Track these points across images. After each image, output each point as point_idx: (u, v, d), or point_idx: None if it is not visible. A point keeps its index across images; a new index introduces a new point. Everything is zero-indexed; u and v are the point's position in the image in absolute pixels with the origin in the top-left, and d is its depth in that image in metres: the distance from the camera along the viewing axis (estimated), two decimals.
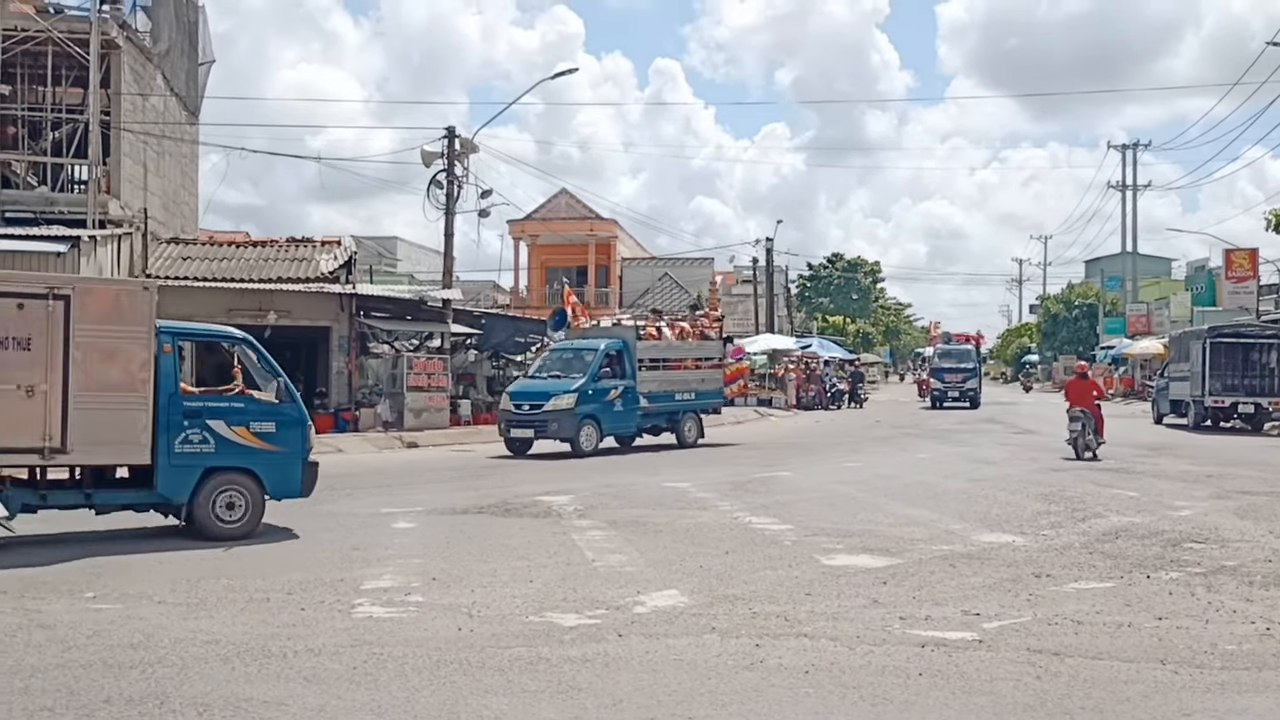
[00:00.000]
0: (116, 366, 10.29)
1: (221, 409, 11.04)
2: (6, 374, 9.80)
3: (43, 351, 9.89)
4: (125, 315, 10.38)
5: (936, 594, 8.38)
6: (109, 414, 10.24)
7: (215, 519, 10.80)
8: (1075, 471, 17.89)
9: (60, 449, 10.05)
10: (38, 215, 23.98)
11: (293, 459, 11.28)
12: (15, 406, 9.80)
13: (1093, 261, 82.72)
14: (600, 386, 21.74)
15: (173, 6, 28.42)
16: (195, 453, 10.77)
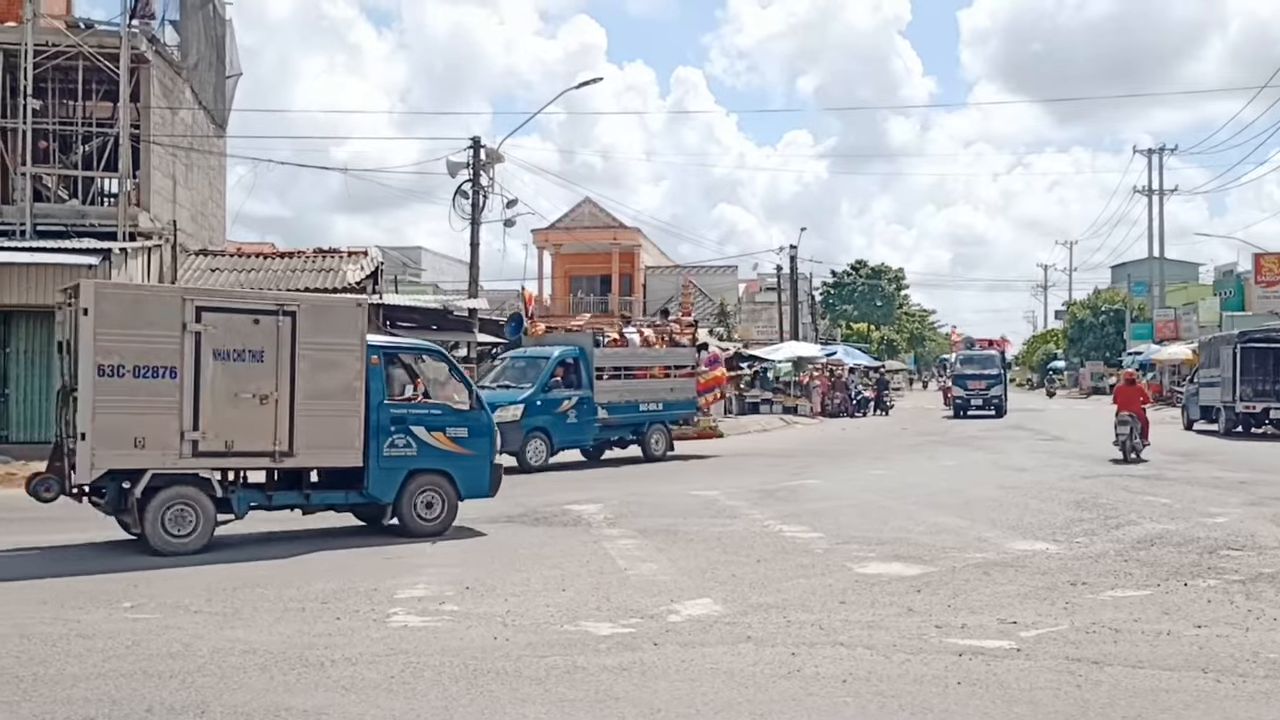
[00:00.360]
0: (335, 376, 11.29)
1: (422, 416, 12.09)
2: (244, 384, 10.78)
3: (274, 363, 10.89)
4: (342, 329, 11.40)
5: (971, 602, 8.34)
6: (328, 420, 11.24)
7: (417, 517, 11.82)
8: (1107, 478, 17.76)
9: (288, 453, 11.00)
10: (69, 228, 24.18)
11: (483, 462, 12.38)
12: (251, 413, 10.79)
13: (1119, 267, 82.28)
14: (551, 397, 20.44)
15: (201, 20, 28.64)
16: (400, 456, 11.79)
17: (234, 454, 10.85)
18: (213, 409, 10.60)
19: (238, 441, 10.77)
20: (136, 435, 10.31)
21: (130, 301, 10.68)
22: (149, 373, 10.36)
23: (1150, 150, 64.63)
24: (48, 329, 21.51)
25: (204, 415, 10.56)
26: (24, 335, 21.58)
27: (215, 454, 10.70)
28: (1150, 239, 64.80)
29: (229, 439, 10.71)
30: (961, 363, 44.91)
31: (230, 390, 10.70)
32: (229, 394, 10.68)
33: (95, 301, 10.23)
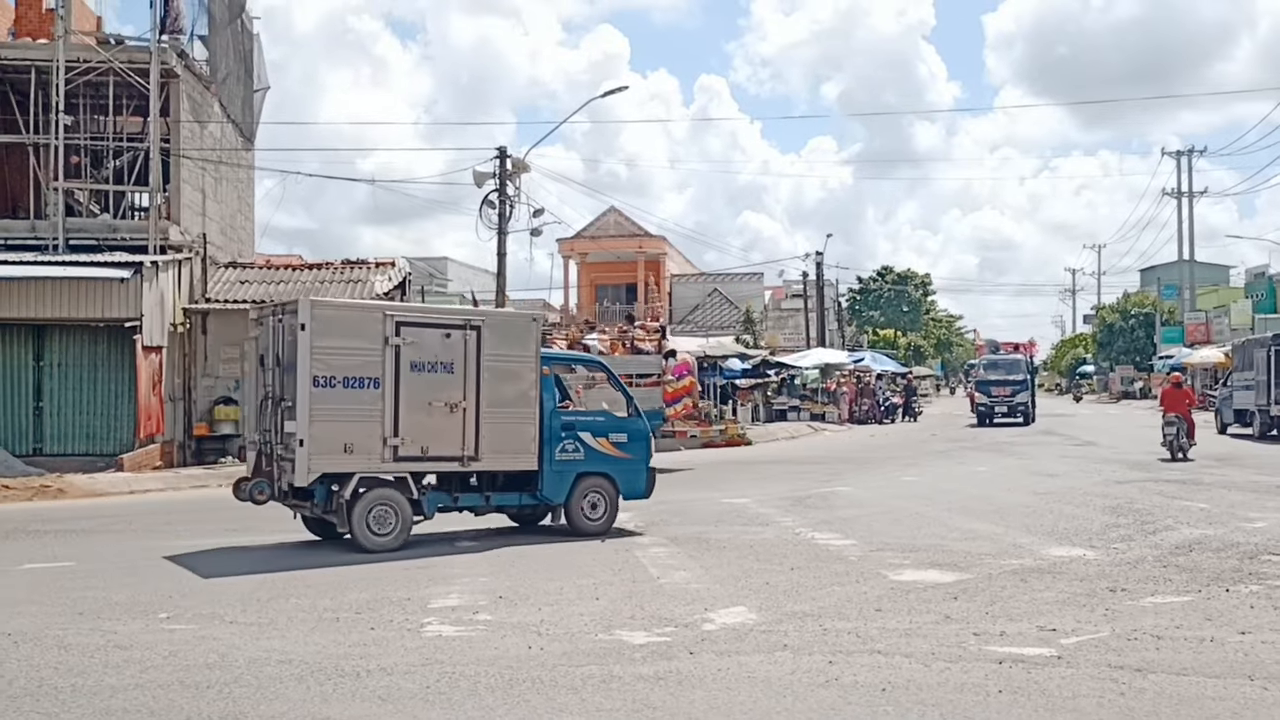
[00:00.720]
0: (513, 386, 12.17)
1: (589, 422, 12.94)
2: (437, 393, 11.67)
3: (461, 374, 11.80)
4: (520, 342, 12.33)
5: (1009, 609, 8.25)
6: (508, 426, 12.12)
7: (584, 517, 12.57)
8: (1141, 483, 17.58)
9: (475, 457, 11.91)
10: (101, 242, 24.41)
11: (640, 465, 13.11)
12: (443, 421, 11.70)
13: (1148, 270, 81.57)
14: None
15: (229, 35, 28.88)
16: (570, 460, 12.59)
17: (428, 458, 11.73)
18: (410, 417, 11.50)
19: (431, 447, 11.67)
20: (346, 442, 11.19)
21: (340, 317, 11.63)
22: (356, 383, 11.27)
23: (1179, 152, 64.25)
24: (80, 342, 21.76)
25: (403, 423, 11.46)
26: (57, 349, 21.78)
27: (412, 458, 11.58)
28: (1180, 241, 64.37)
29: (424, 445, 11.62)
30: (985, 368, 43.20)
31: (425, 399, 11.60)
32: (424, 403, 11.59)
33: (312, 318, 11.08)
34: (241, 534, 13.04)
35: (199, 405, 24.59)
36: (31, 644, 7.32)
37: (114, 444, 21.50)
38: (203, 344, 24.77)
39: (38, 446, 21.36)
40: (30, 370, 21.59)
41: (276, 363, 11.67)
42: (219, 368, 24.82)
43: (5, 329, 21.35)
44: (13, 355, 21.51)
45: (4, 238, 24.30)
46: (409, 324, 11.69)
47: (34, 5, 27.78)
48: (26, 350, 21.59)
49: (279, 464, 11.53)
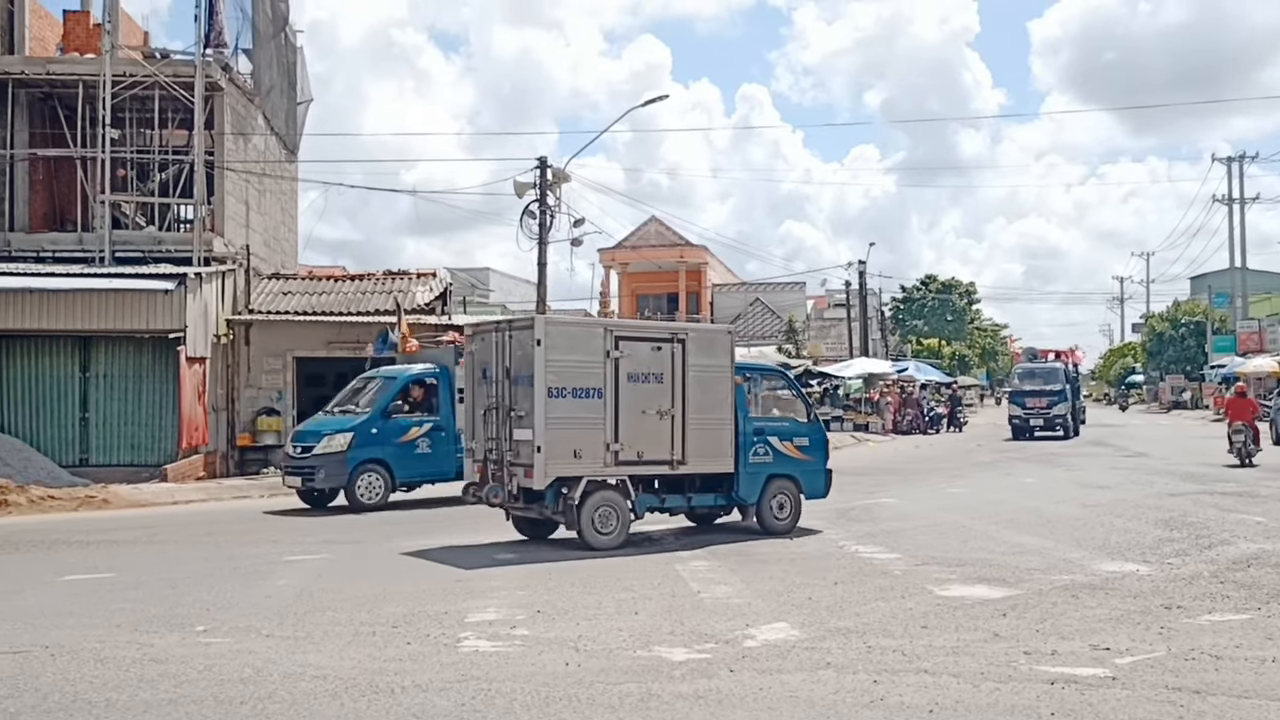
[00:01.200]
0: (713, 394, 12.99)
1: (777, 427, 13.83)
2: (649, 402, 12.54)
3: (669, 384, 12.70)
4: (719, 353, 13.22)
5: (1061, 627, 8.01)
6: (709, 432, 12.96)
7: (773, 517, 13.41)
8: (1194, 495, 17.17)
9: (682, 460, 12.78)
10: (146, 254, 24.65)
11: (820, 467, 14.07)
12: (655, 427, 12.56)
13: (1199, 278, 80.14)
14: (392, 423, 17.47)
15: (273, 49, 29.14)
16: (761, 463, 13.46)
17: (643, 462, 12.56)
18: (628, 424, 12.39)
19: (646, 452, 12.54)
20: (575, 448, 12.07)
21: (568, 332, 12.49)
22: (583, 393, 12.14)
23: (1229, 158, 62.96)
24: (126, 353, 21.95)
25: (622, 429, 12.36)
26: (104, 360, 21.99)
27: (630, 463, 12.45)
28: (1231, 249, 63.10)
29: (639, 450, 12.49)
30: (1020, 377, 39.96)
31: (639, 408, 12.49)
32: (639, 411, 12.48)
33: (545, 334, 12.01)
34: (282, 545, 13.04)
35: (242, 416, 24.74)
36: (68, 657, 7.29)
37: (158, 454, 21.67)
38: (246, 355, 24.94)
39: (84, 457, 21.56)
40: (77, 381, 21.82)
41: (505, 375, 12.53)
42: (262, 378, 24.99)
43: (52, 340, 21.59)
44: (60, 366, 21.75)
45: (52, 250, 24.61)
46: (626, 338, 12.65)
47: (81, 21, 28.16)
48: (73, 361, 21.82)
49: (508, 469, 12.41)
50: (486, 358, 12.98)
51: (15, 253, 24.41)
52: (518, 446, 12.22)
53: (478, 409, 13.08)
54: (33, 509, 17.31)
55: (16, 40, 25.61)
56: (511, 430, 12.32)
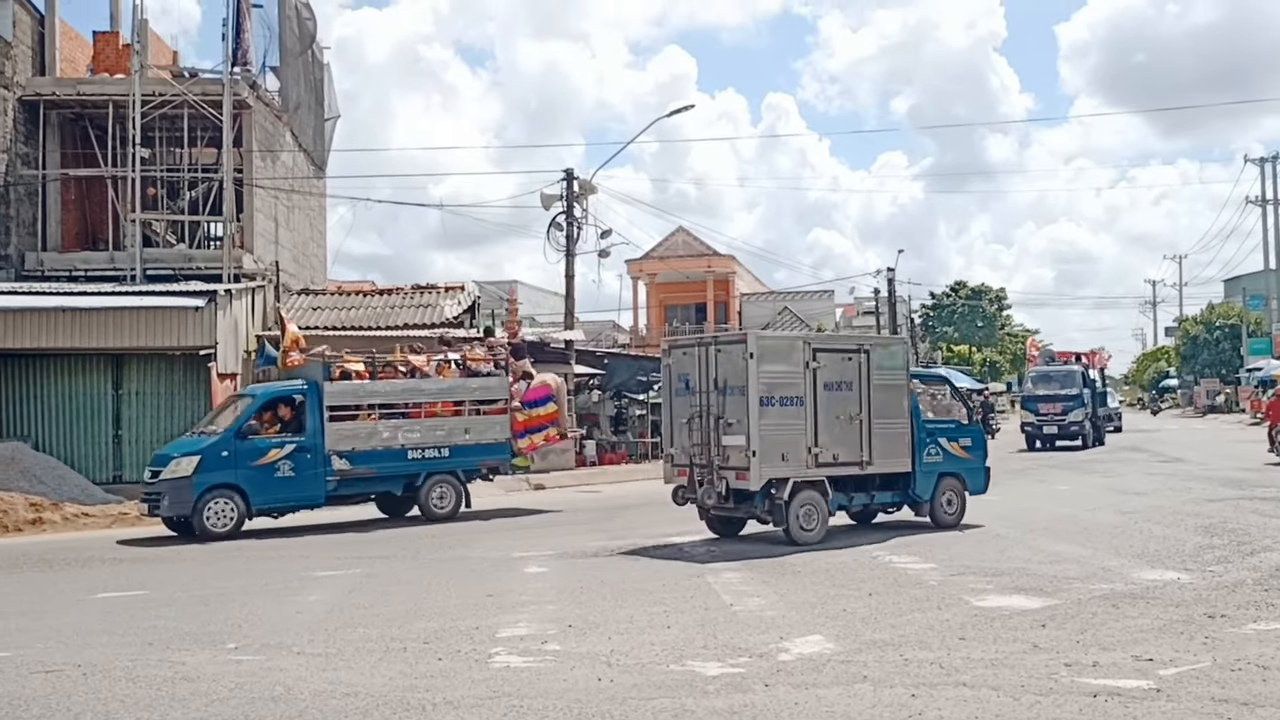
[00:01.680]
0: (892, 400, 14.14)
1: (945, 429, 14.93)
2: (841, 408, 13.69)
3: (857, 391, 13.85)
4: (896, 363, 14.38)
5: (1102, 637, 7.85)
6: (890, 435, 14.09)
7: (943, 512, 14.55)
8: (1234, 501, 16.89)
9: (869, 461, 13.92)
10: (177, 272, 24.86)
11: (980, 466, 15.22)
12: (846, 431, 13.72)
13: (1232, 280, 79.27)
14: (248, 445, 16.16)
15: (300, 66, 29.35)
16: (934, 462, 14.56)
17: (837, 464, 13.67)
18: (824, 429, 13.54)
19: (840, 455, 13.68)
20: (783, 452, 13.19)
21: (775, 346, 13.83)
22: (788, 402, 13.31)
23: (1262, 159, 62.29)
24: (159, 371, 22.08)
25: (820, 433, 13.49)
26: (136, 377, 22.12)
27: (827, 464, 13.55)
28: (1266, 250, 62.38)
29: (835, 452, 13.62)
30: (1034, 381, 37.04)
31: (834, 413, 13.62)
32: (833, 416, 13.62)
33: (758, 348, 13.15)
34: (312, 561, 13.04)
35: None
36: (100, 676, 7.28)
37: None
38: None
39: (117, 474, 21.69)
40: (110, 399, 21.96)
41: (713, 386, 13.52)
42: None
43: (85, 358, 21.75)
44: (93, 384, 21.90)
45: (84, 269, 24.87)
46: (821, 350, 13.87)
47: (111, 41, 28.48)
48: (106, 379, 21.96)
49: (717, 473, 13.33)
50: (687, 370, 14.05)
51: (48, 272, 24.68)
52: (727, 452, 13.30)
53: (679, 417, 14.08)
54: (67, 526, 17.44)
55: (47, 62, 25.92)
56: (720, 437, 13.38)
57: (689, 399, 13.90)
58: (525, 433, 18.68)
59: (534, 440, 18.85)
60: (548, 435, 19.02)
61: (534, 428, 18.76)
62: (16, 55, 24.77)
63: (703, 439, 13.56)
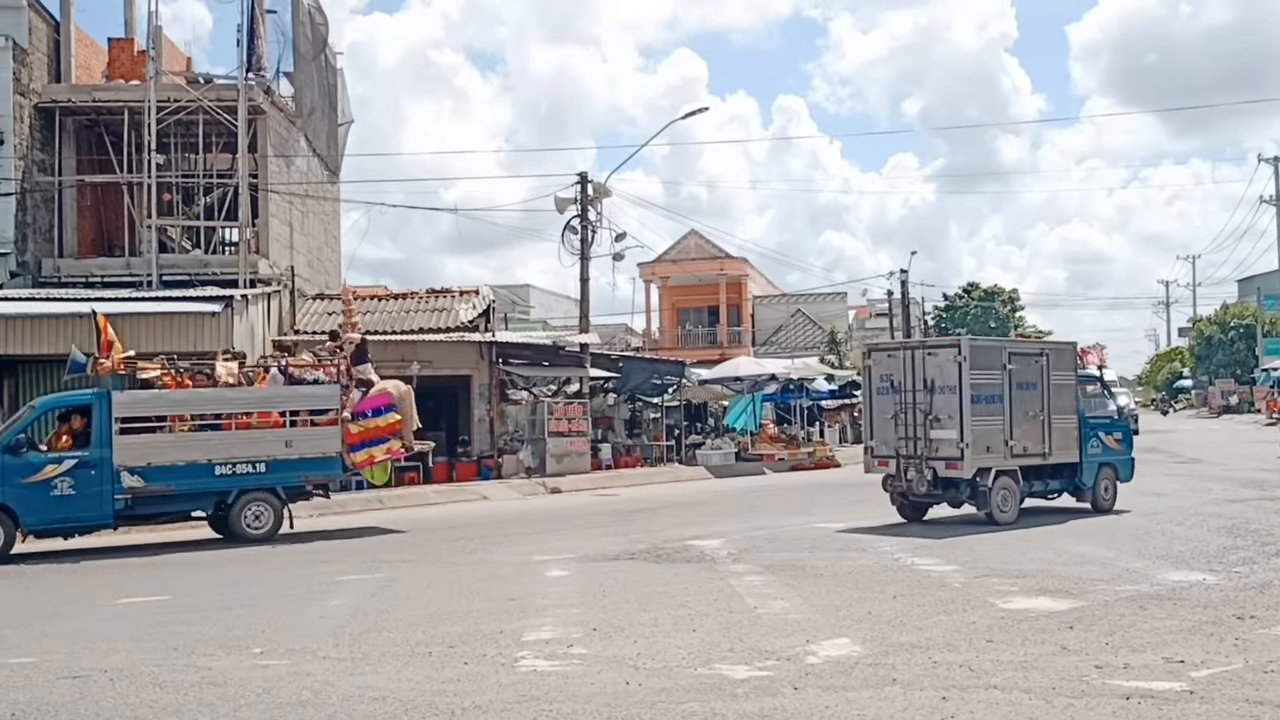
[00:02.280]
0: (1064, 398, 16.12)
1: (1103, 424, 16.87)
2: (1029, 405, 15.71)
3: (1040, 390, 15.85)
4: (1066, 365, 16.43)
5: (1131, 639, 7.79)
6: (1064, 430, 16.06)
7: (1101, 499, 16.40)
8: (1255, 502, 16.81)
9: (1049, 452, 15.87)
10: (193, 277, 24.91)
11: (1129, 457, 17.20)
12: (1032, 426, 15.70)
13: (1246, 280, 78.89)
14: (18, 461, 14.68)
15: (313, 71, 29.41)
16: (1096, 454, 16.48)
17: (1026, 455, 15.60)
18: (1017, 424, 15.45)
19: (1028, 447, 15.61)
20: (987, 445, 15.13)
21: (982, 350, 15.65)
22: (991, 400, 15.22)
23: (1275, 158, 62.06)
24: None
25: (1014, 428, 15.41)
26: None
27: (1019, 455, 15.51)
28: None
29: (1024, 445, 15.55)
30: None
31: (1024, 410, 15.58)
32: (1024, 413, 15.58)
33: (970, 353, 15.19)
34: (333, 565, 13.05)
35: None
36: (127, 681, 7.28)
37: None
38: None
39: None
40: None
41: (924, 386, 15.34)
42: None
43: None
44: None
45: (101, 275, 24.93)
46: (1015, 354, 15.90)
47: (126, 48, 28.57)
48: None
49: (926, 464, 15.20)
50: (891, 371, 15.84)
51: (65, 278, 24.75)
52: (936, 444, 15.16)
53: (883, 414, 15.91)
54: None
55: (63, 69, 26.01)
56: (929, 431, 15.21)
57: (894, 398, 15.65)
58: (361, 445, 16.91)
59: (373, 453, 17.05)
60: (390, 448, 17.24)
61: (371, 440, 17.02)
62: (33, 62, 24.86)
63: (910, 433, 15.39)
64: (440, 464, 25.92)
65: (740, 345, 54.62)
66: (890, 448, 15.62)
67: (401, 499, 21.79)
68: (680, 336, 57.51)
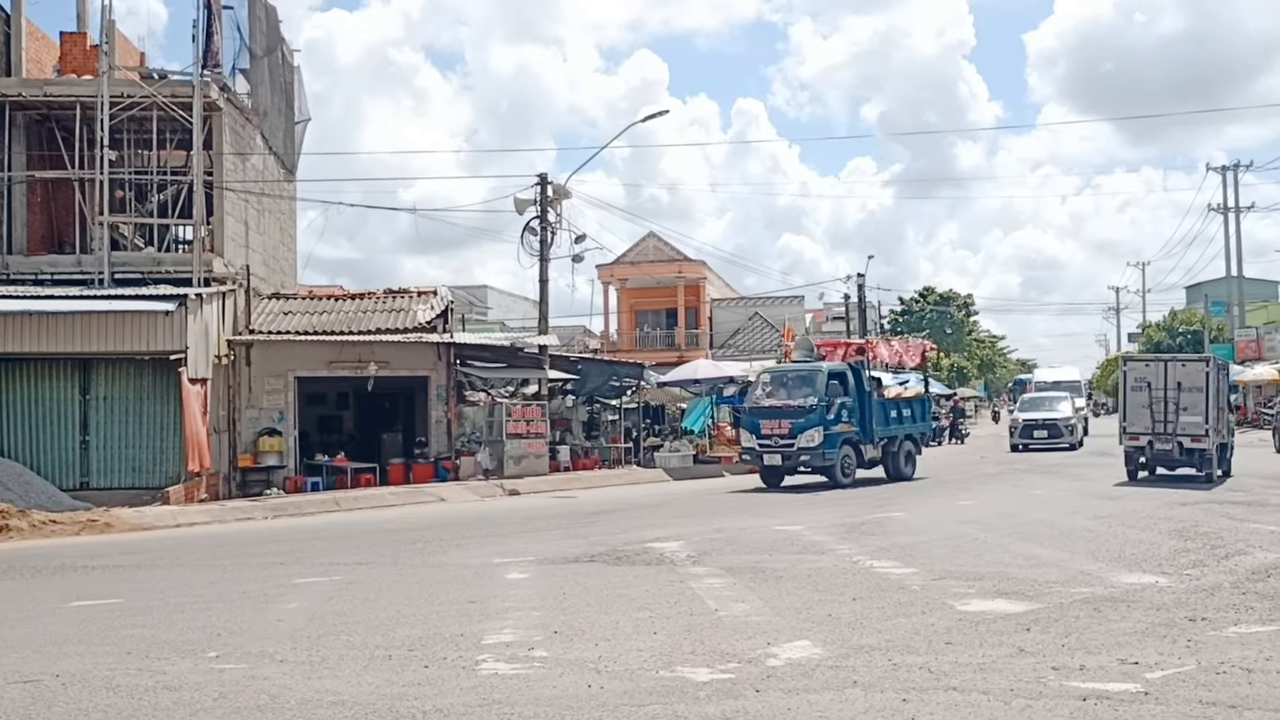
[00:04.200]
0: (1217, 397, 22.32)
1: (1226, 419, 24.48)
2: (1220, 402, 22.60)
3: (1203, 390, 21.97)
4: (1224, 375, 22.83)
5: (1086, 641, 7.89)
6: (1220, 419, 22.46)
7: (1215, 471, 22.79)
8: (1204, 505, 17.09)
9: (1206, 435, 22.00)
10: (146, 275, 24.57)
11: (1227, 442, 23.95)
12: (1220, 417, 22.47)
13: (1194, 287, 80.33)
14: None
15: (269, 68, 29.11)
16: (1224, 440, 23.18)
17: (1220, 435, 22.56)
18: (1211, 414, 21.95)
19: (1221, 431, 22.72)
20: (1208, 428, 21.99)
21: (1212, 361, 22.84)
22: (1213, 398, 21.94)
23: (1224, 167, 63.24)
24: (126, 375, 21.82)
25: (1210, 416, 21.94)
26: (104, 382, 21.86)
27: (1218, 434, 22.48)
28: (1228, 257, 63.29)
29: (1220, 429, 22.72)
30: (764, 388, 25.00)
31: (1216, 406, 22.11)
32: (1216, 407, 22.10)
33: (1212, 366, 22.39)
34: (289, 567, 12.91)
35: (243, 436, 24.61)
36: (80, 686, 7.15)
37: (160, 476, 21.53)
38: (247, 375, 24.81)
39: (84, 480, 21.43)
40: (77, 404, 21.69)
41: (1175, 387, 22.04)
42: (263, 399, 24.88)
43: (52, 363, 21.47)
44: (60, 389, 21.63)
45: (51, 273, 24.53)
46: (1212, 368, 22.35)
47: (78, 42, 28.13)
48: (73, 384, 21.70)
49: (1175, 440, 21.96)
50: (1145, 376, 22.48)
51: (14, 275, 24.33)
52: (1184, 426, 21.86)
53: (1137, 406, 22.40)
54: (34, 534, 17.17)
55: (14, 63, 25.57)
56: (1179, 418, 21.86)
57: (1147, 394, 22.20)
58: None
59: None
60: None
61: None
62: None
63: (1163, 419, 21.94)
64: (397, 465, 25.82)
65: (698, 348, 54.74)
66: (1142, 428, 22.16)
67: (358, 501, 21.62)
68: (638, 339, 57.56)
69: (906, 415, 26.13)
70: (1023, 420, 37.88)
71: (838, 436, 23.48)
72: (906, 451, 25.78)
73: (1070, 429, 37.36)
